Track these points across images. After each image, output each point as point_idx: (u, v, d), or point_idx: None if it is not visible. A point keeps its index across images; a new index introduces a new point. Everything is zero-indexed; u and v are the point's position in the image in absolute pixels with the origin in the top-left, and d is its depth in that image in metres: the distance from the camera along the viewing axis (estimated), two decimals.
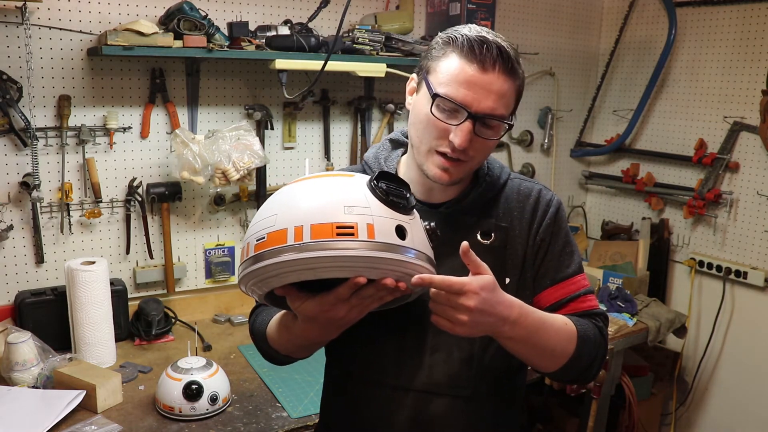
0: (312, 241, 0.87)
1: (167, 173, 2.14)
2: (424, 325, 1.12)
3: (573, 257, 1.20)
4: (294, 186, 0.97)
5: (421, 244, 0.95)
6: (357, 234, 0.87)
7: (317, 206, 0.90)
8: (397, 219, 0.92)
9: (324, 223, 0.88)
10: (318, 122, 2.41)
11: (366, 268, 0.89)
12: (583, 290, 1.18)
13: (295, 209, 0.91)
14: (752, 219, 2.61)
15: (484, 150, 1.09)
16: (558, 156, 3.13)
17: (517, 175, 1.25)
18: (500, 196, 1.20)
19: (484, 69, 1.03)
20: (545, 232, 1.18)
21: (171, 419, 1.56)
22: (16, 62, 1.84)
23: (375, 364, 1.17)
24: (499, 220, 1.17)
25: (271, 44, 2.05)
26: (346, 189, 0.93)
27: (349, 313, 0.98)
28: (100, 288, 1.82)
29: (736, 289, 2.70)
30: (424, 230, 0.98)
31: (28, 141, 1.87)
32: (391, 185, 0.95)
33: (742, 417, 2.73)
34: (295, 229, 0.88)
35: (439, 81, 1.06)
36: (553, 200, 1.21)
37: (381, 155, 1.24)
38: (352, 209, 0.89)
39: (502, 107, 1.05)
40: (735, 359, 2.74)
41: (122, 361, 1.87)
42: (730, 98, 2.65)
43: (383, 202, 0.92)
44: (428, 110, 1.06)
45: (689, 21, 2.76)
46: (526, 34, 2.87)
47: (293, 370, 1.83)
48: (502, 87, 1.04)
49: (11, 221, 1.93)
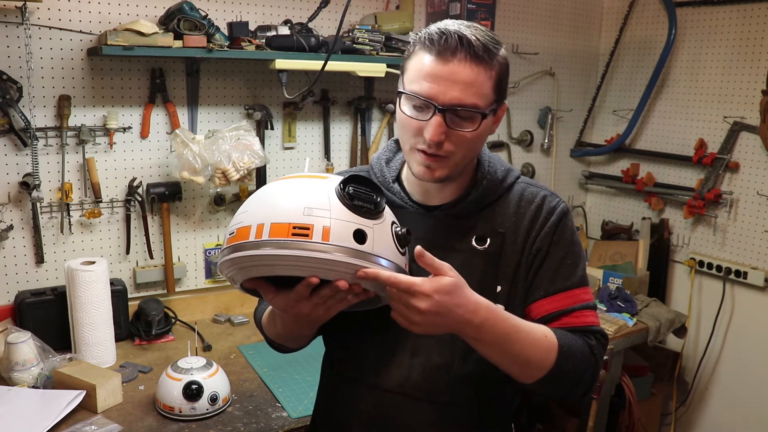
0: (268, 239, 0.91)
1: (167, 173, 2.14)
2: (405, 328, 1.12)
3: (575, 270, 1.14)
4: (271, 185, 1.02)
5: (384, 249, 0.95)
6: (311, 235, 0.91)
7: (281, 206, 0.95)
8: (358, 223, 0.94)
9: (282, 222, 0.92)
10: (318, 122, 2.41)
11: (320, 269, 0.93)
12: (579, 305, 1.12)
13: (262, 207, 0.96)
14: (752, 219, 2.61)
15: (464, 143, 1.06)
16: (558, 156, 3.13)
17: (527, 179, 1.21)
18: (502, 200, 1.16)
19: (445, 59, 1.01)
20: (543, 240, 1.13)
21: (171, 419, 1.56)
22: (16, 62, 1.84)
23: (357, 363, 1.17)
24: (498, 225, 1.13)
25: (271, 44, 2.05)
26: (313, 191, 0.96)
27: (313, 311, 0.99)
28: (100, 288, 1.82)
29: (736, 289, 2.70)
30: (393, 235, 0.98)
31: (28, 141, 1.87)
32: (360, 189, 0.97)
33: (742, 417, 2.73)
34: (257, 226, 0.93)
35: (409, 78, 1.06)
36: (558, 208, 1.15)
37: (384, 157, 1.24)
38: (312, 211, 0.93)
39: (471, 96, 1.02)
40: (735, 359, 2.74)
41: (122, 361, 1.87)
42: (730, 98, 2.65)
43: (346, 206, 0.95)
44: (402, 111, 1.08)
45: (689, 21, 2.76)
46: (526, 34, 2.87)
47: (293, 370, 1.83)
48: (468, 76, 1.01)
49: (11, 221, 1.93)
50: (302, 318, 1.03)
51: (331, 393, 1.25)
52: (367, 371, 1.16)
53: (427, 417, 1.13)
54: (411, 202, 1.18)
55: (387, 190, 1.18)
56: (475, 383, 1.13)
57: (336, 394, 1.23)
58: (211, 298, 2.28)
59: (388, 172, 1.21)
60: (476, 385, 1.13)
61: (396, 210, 1.16)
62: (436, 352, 1.12)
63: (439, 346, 1.12)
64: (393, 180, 1.20)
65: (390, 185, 1.19)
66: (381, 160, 1.23)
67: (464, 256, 1.12)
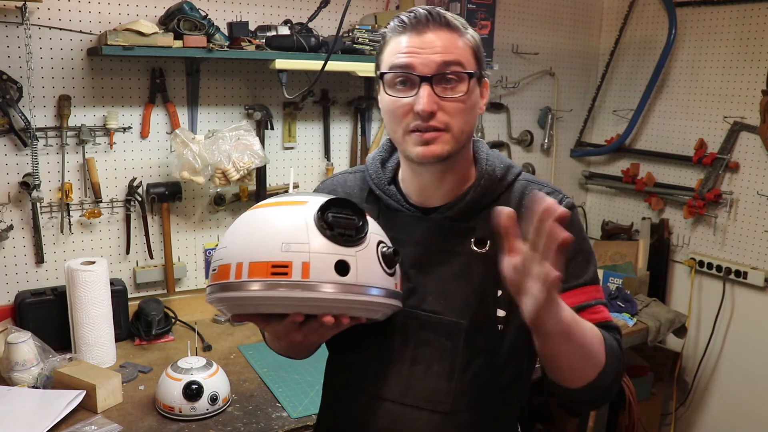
0: (248, 280, 0.90)
1: (167, 173, 2.14)
2: (405, 336, 1.10)
3: (587, 266, 1.10)
4: (249, 214, 0.99)
5: (369, 276, 0.92)
6: (290, 274, 0.88)
7: (258, 242, 0.92)
8: (339, 254, 0.90)
9: (261, 261, 0.90)
10: (318, 122, 2.41)
11: (303, 306, 0.91)
12: (594, 301, 1.08)
13: (240, 244, 0.94)
14: (752, 219, 2.61)
15: (458, 112, 1.02)
16: (558, 156, 3.13)
17: (528, 176, 1.16)
18: (502, 200, 1.11)
19: (419, 31, 1.01)
20: None
21: (171, 419, 1.56)
22: (16, 62, 1.84)
23: (356, 372, 1.15)
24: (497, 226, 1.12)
25: (271, 44, 2.05)
26: (291, 222, 0.92)
27: (306, 339, 0.98)
28: (100, 288, 1.82)
29: (736, 289, 2.70)
30: (379, 257, 0.95)
31: (28, 141, 1.87)
32: (340, 215, 0.93)
33: (742, 417, 2.73)
34: (236, 265, 0.91)
35: (386, 63, 1.05)
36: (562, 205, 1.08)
37: (379, 157, 1.20)
38: (290, 246, 0.89)
39: (453, 59, 1.01)
40: (735, 359, 2.74)
41: (122, 361, 1.87)
42: (730, 98, 2.65)
43: (325, 236, 0.91)
44: (386, 96, 1.05)
45: (689, 21, 2.76)
46: (526, 34, 2.87)
47: (293, 370, 1.83)
48: (445, 40, 1.01)
49: (11, 221, 1.93)
50: (296, 344, 1.01)
51: (333, 401, 1.23)
52: (367, 380, 1.13)
53: (428, 426, 1.10)
54: (408, 205, 1.14)
55: (382, 192, 1.16)
56: (477, 391, 1.10)
57: (337, 403, 1.21)
58: None
59: (384, 174, 1.18)
60: (478, 393, 1.10)
61: (392, 213, 1.14)
62: (436, 361, 1.09)
63: (440, 355, 1.09)
64: (389, 181, 1.17)
65: (385, 187, 1.16)
66: (376, 161, 1.20)
67: (463, 260, 1.09)
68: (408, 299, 1.10)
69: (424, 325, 1.10)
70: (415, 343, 1.10)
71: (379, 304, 0.95)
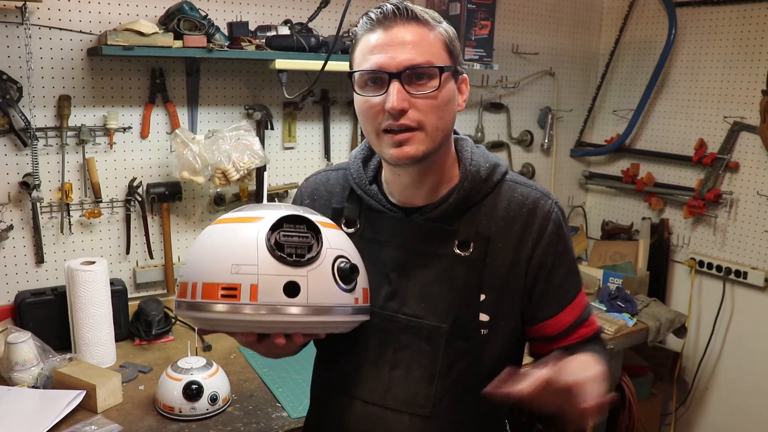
0: (201, 301, 0.92)
1: (167, 173, 2.14)
2: (385, 340, 1.09)
3: (577, 276, 1.11)
4: (206, 232, 1.00)
5: (321, 295, 0.92)
6: (239, 296, 0.89)
7: (211, 263, 0.93)
8: (288, 275, 0.90)
9: (212, 282, 0.91)
10: (318, 122, 2.41)
11: (254, 328, 0.93)
12: (586, 311, 1.11)
13: (195, 263, 0.96)
14: (752, 219, 2.61)
15: (431, 108, 0.98)
16: (558, 156, 3.13)
17: (516, 176, 1.12)
18: (488, 201, 1.08)
19: (385, 27, 0.99)
20: (546, 253, 1.06)
21: (171, 419, 1.56)
22: (16, 62, 1.84)
23: (340, 374, 1.14)
24: (482, 229, 1.06)
25: (271, 44, 2.05)
26: (242, 241, 0.92)
27: (270, 351, 0.99)
28: (100, 288, 1.82)
29: (736, 289, 2.70)
30: (335, 273, 0.94)
31: (28, 141, 1.87)
32: (292, 233, 0.93)
33: (742, 417, 2.73)
34: (192, 285, 0.94)
35: (357, 63, 1.03)
36: (552, 213, 1.07)
37: (360, 155, 1.17)
38: (239, 268, 0.90)
39: (423, 54, 0.97)
40: (735, 359, 2.74)
41: (122, 361, 1.87)
42: (730, 98, 2.65)
43: (274, 257, 0.91)
44: (358, 96, 1.03)
45: (689, 21, 2.76)
46: (526, 34, 2.87)
47: (293, 370, 1.83)
48: (414, 35, 0.98)
49: (11, 221, 1.93)
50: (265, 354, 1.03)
51: (318, 401, 1.24)
52: (349, 382, 1.13)
53: (409, 430, 1.09)
54: (389, 205, 1.11)
55: (364, 193, 1.13)
56: (459, 395, 1.09)
57: (322, 403, 1.21)
58: None
59: (366, 173, 1.14)
60: (460, 397, 1.09)
61: (374, 214, 1.12)
62: (417, 365, 1.08)
63: (420, 359, 1.08)
64: (370, 181, 1.14)
65: (366, 187, 1.13)
66: (358, 159, 1.16)
67: (446, 263, 1.06)
68: (389, 302, 1.09)
69: (404, 329, 1.08)
70: (396, 347, 1.09)
71: (331, 323, 0.95)
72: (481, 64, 2.40)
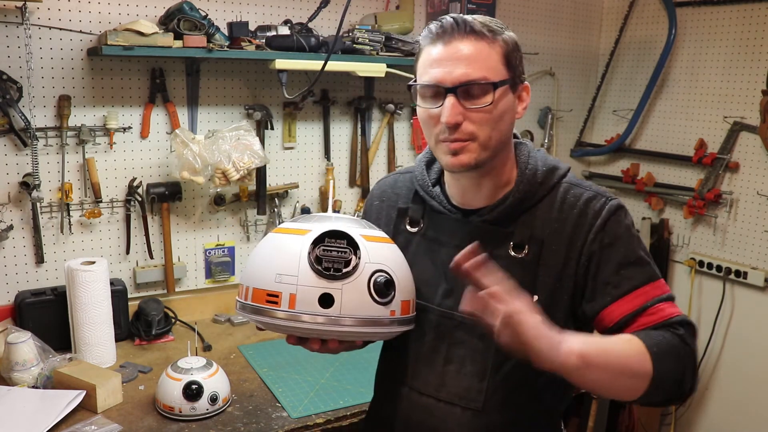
0: (249, 303, 1.04)
1: (167, 173, 2.14)
2: (441, 335, 1.15)
3: (639, 267, 1.07)
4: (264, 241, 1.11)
5: (354, 308, 1.00)
6: (280, 303, 1.00)
7: (261, 270, 1.05)
8: (324, 287, 1.00)
9: (260, 288, 1.03)
10: (318, 122, 2.41)
11: (292, 331, 1.03)
12: (651, 300, 1.04)
13: (250, 268, 1.08)
14: (752, 219, 2.61)
15: (485, 122, 1.03)
16: (558, 156, 3.13)
17: (573, 179, 1.14)
18: (543, 204, 1.11)
19: (445, 42, 1.03)
20: (593, 245, 1.07)
21: (171, 419, 1.56)
22: (16, 62, 1.84)
23: (398, 366, 1.21)
24: (537, 231, 1.09)
25: (271, 44, 2.05)
26: (288, 253, 1.03)
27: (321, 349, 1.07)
28: (100, 288, 1.82)
29: (736, 289, 2.70)
30: (370, 287, 1.01)
31: (28, 141, 1.87)
32: (332, 248, 1.01)
33: (742, 417, 2.73)
34: (245, 288, 1.06)
35: (419, 75, 1.08)
36: (605, 209, 1.08)
37: (424, 159, 1.24)
38: (282, 278, 1.01)
39: (478, 70, 1.01)
40: (735, 359, 2.74)
41: (122, 361, 1.87)
42: (730, 98, 2.65)
43: (313, 270, 1.00)
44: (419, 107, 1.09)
45: (689, 21, 2.76)
46: (526, 34, 2.87)
47: (293, 370, 1.83)
48: (470, 51, 1.02)
49: (11, 221, 1.93)
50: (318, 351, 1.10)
51: (379, 392, 1.30)
52: (406, 374, 1.19)
53: (461, 422, 1.14)
54: (450, 207, 1.16)
55: (426, 194, 1.19)
56: (509, 392, 1.13)
57: (382, 392, 1.29)
58: (211, 298, 2.28)
59: (429, 175, 1.21)
60: (510, 394, 1.13)
61: (436, 215, 1.18)
62: (470, 361, 1.13)
63: (473, 355, 1.13)
64: (434, 183, 1.20)
65: (429, 189, 1.19)
66: (422, 163, 1.23)
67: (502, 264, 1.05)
68: (445, 300, 1.14)
69: (459, 326, 1.13)
70: (450, 343, 1.14)
71: (363, 333, 1.03)
72: None
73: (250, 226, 2.33)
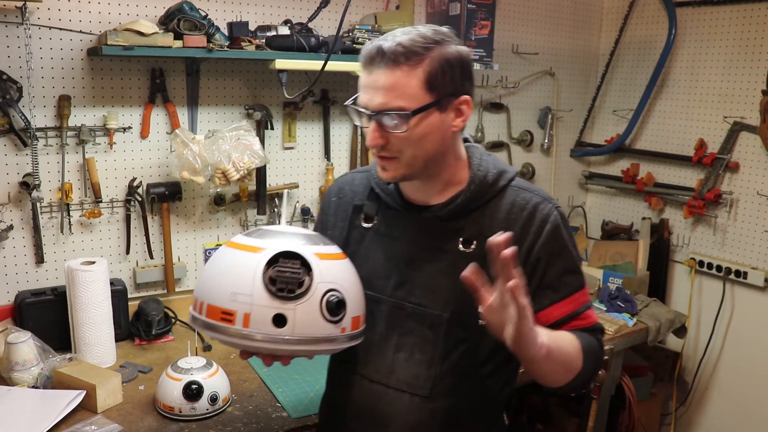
0: (204, 319, 1.07)
1: (167, 173, 2.14)
2: (392, 325, 1.22)
3: (576, 275, 1.20)
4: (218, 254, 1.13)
5: (306, 327, 1.04)
6: (234, 322, 1.03)
7: (216, 287, 1.07)
8: (278, 308, 1.02)
9: (214, 305, 1.05)
10: (318, 122, 2.41)
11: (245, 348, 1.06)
12: (582, 307, 1.19)
13: (206, 282, 1.10)
14: (752, 219, 2.61)
15: (407, 143, 1.10)
16: (558, 156, 3.13)
17: (521, 182, 1.22)
18: (493, 204, 1.19)
19: (368, 70, 1.10)
20: (541, 251, 1.16)
21: (171, 419, 1.56)
22: (16, 62, 1.84)
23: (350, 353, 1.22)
24: (485, 229, 1.16)
25: (271, 44, 2.05)
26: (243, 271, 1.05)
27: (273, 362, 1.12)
28: (100, 288, 1.82)
29: (736, 289, 2.70)
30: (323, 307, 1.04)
31: (28, 141, 1.87)
32: (285, 269, 1.03)
33: (742, 417, 2.73)
34: (200, 303, 1.08)
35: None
36: (551, 215, 1.17)
37: None
38: (236, 296, 1.03)
39: (394, 100, 1.07)
40: (735, 359, 2.74)
41: (122, 361, 1.87)
42: (730, 98, 2.65)
43: (267, 291, 1.03)
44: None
45: (689, 21, 2.76)
46: (526, 34, 2.87)
47: (293, 370, 1.83)
48: (386, 81, 1.07)
49: (11, 221, 1.93)
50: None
51: (331, 378, 1.37)
52: (357, 362, 1.25)
53: (408, 408, 1.20)
54: (403, 203, 1.23)
55: (382, 191, 1.26)
56: (456, 379, 1.19)
57: (334, 380, 1.35)
58: None
59: None
60: (457, 381, 1.20)
61: (390, 211, 1.25)
62: (419, 349, 1.20)
63: (422, 344, 1.19)
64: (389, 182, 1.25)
65: (385, 186, 1.26)
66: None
67: (451, 258, 1.17)
68: (397, 291, 1.21)
69: (409, 316, 1.21)
70: (401, 332, 1.21)
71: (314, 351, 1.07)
72: (481, 64, 2.40)
73: (250, 226, 2.33)
